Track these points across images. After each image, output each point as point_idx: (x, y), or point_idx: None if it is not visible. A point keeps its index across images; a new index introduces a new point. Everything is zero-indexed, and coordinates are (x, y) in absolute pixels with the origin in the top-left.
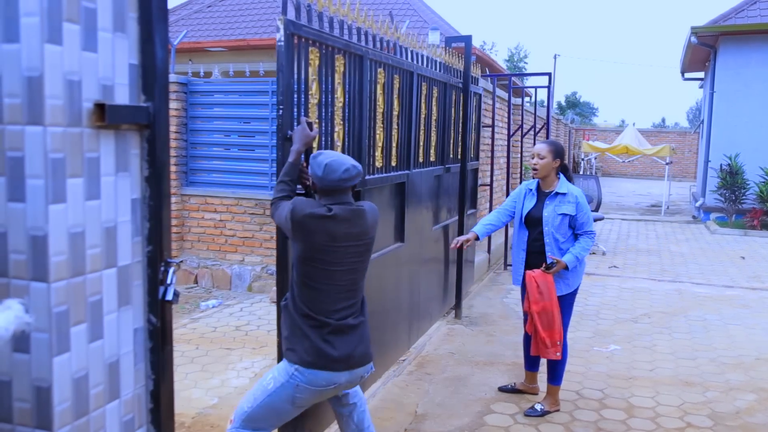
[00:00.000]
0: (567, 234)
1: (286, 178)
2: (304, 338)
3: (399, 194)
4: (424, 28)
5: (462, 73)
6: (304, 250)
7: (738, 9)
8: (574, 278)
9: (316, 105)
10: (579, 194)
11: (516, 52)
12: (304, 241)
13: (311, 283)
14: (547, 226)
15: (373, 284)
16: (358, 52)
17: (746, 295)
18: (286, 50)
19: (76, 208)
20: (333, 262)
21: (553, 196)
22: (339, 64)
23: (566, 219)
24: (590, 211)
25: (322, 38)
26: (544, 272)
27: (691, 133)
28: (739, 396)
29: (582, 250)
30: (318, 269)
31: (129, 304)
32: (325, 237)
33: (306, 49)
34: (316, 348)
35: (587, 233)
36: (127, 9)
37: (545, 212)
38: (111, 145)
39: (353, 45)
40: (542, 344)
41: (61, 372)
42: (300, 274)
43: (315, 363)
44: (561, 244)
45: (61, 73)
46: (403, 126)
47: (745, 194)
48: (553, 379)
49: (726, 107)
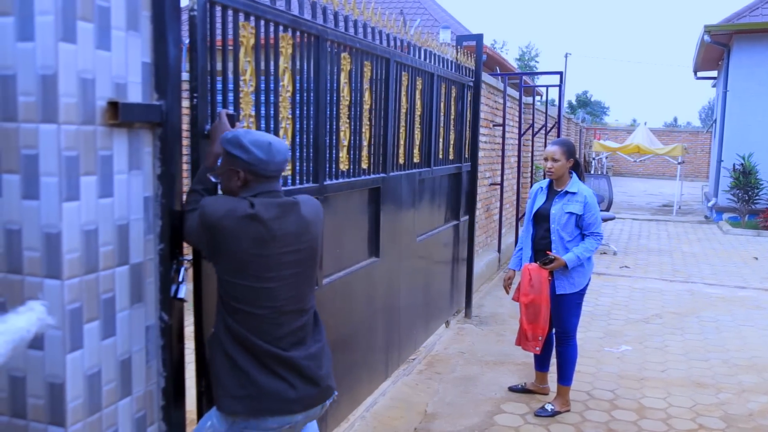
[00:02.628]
0: (574, 233)
1: (198, 187)
2: (244, 378)
3: (373, 201)
4: (435, 26)
5: (455, 65)
6: (228, 263)
7: (752, 7)
8: (580, 278)
9: (251, 94)
10: (589, 194)
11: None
12: (227, 252)
13: (243, 306)
14: (554, 223)
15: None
16: (312, 31)
17: (759, 296)
18: (202, 22)
19: (89, 205)
20: (266, 276)
21: (563, 194)
22: (285, 45)
23: (573, 218)
24: (599, 213)
25: (258, 10)
26: (540, 267)
27: (703, 132)
28: (752, 398)
29: (585, 251)
30: (249, 287)
31: (141, 302)
32: (251, 243)
33: (235, 22)
34: (264, 389)
35: (594, 234)
36: (140, 7)
37: (553, 210)
38: (124, 143)
39: (304, 21)
40: (523, 336)
41: (74, 369)
42: (228, 296)
43: (266, 409)
44: (567, 243)
45: (75, 71)
46: (377, 122)
47: (758, 194)
48: (563, 380)
49: (739, 106)
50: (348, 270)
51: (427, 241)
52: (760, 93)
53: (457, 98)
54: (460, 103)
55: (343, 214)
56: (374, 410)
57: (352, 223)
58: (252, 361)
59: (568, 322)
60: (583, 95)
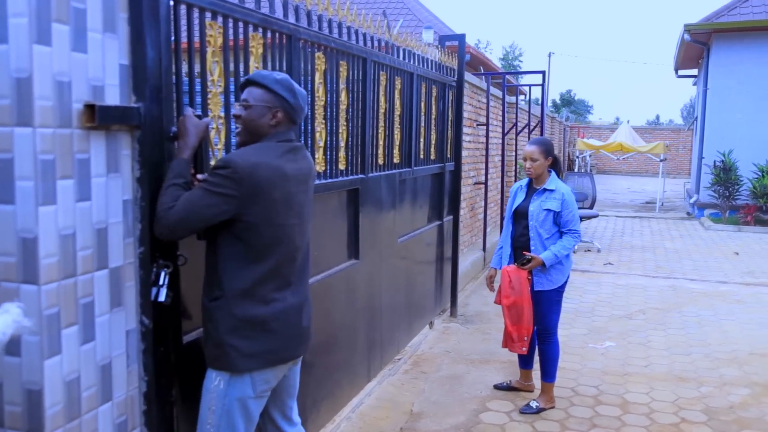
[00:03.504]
0: (552, 230)
1: (179, 180)
2: (258, 333)
3: (351, 203)
4: (418, 27)
5: (436, 64)
6: (256, 213)
7: (730, 6)
8: (558, 275)
9: (220, 95)
10: (567, 192)
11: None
12: (258, 201)
13: (261, 256)
14: (532, 220)
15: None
16: (284, 30)
17: (740, 290)
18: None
19: (66, 209)
20: (287, 216)
21: (541, 191)
22: (256, 45)
23: (551, 215)
24: (577, 211)
25: (225, 9)
26: (518, 267)
27: (685, 130)
28: (733, 390)
29: (562, 248)
30: (272, 232)
31: (121, 306)
32: (280, 185)
33: (201, 21)
34: (279, 338)
35: (571, 232)
36: (117, 9)
37: (531, 207)
38: (102, 146)
39: (275, 21)
40: (509, 338)
41: (53, 375)
42: (244, 251)
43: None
44: (545, 240)
45: (51, 74)
46: (354, 123)
47: (738, 190)
48: (546, 377)
49: (719, 104)
50: (327, 273)
51: (408, 242)
52: (739, 91)
53: (439, 98)
54: (441, 103)
55: (321, 216)
56: (360, 411)
57: (330, 225)
58: (267, 313)
59: (548, 320)
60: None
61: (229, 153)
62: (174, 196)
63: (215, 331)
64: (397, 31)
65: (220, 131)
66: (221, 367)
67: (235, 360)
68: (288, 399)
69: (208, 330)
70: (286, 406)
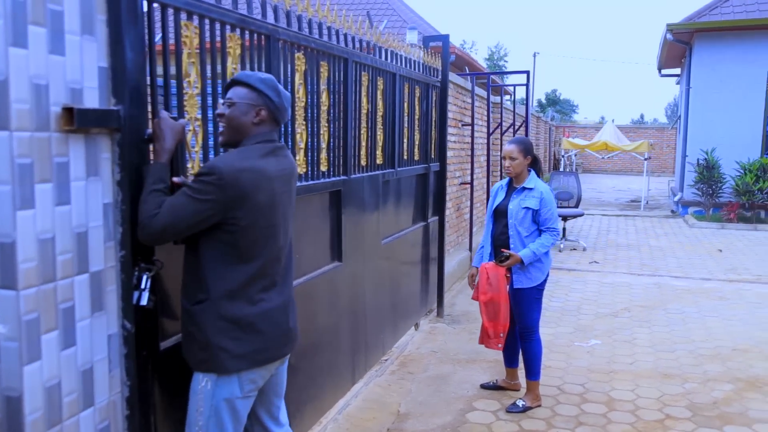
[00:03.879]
0: (531, 228)
1: (159, 186)
2: (247, 333)
3: (334, 205)
4: (403, 27)
5: (420, 65)
6: (242, 216)
7: (712, 6)
8: (537, 273)
9: (197, 96)
10: (545, 190)
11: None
12: (244, 204)
13: (248, 257)
14: (512, 218)
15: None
16: (263, 31)
17: (723, 287)
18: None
19: (45, 213)
20: (272, 217)
21: (520, 190)
22: (233, 45)
23: (529, 213)
24: (555, 209)
25: (201, 9)
26: (496, 265)
27: (669, 128)
28: (717, 386)
29: (540, 246)
30: (259, 233)
31: (102, 310)
32: (264, 187)
33: (176, 22)
34: (267, 337)
35: (550, 230)
36: (95, 11)
37: (511, 205)
38: (81, 149)
39: (253, 21)
40: (485, 334)
41: (32, 381)
42: (232, 253)
43: (270, 357)
44: (524, 238)
45: (27, 76)
46: (336, 124)
47: (721, 188)
48: (530, 375)
49: (702, 103)
50: (309, 276)
51: (393, 243)
52: (721, 89)
53: (423, 98)
54: (425, 103)
55: (303, 218)
56: (347, 412)
57: (312, 227)
58: (254, 313)
59: (528, 318)
60: (552, 94)
61: (212, 158)
62: (157, 203)
63: (201, 333)
64: (381, 32)
65: (198, 133)
66: (209, 369)
67: (225, 361)
68: (275, 399)
69: (191, 333)
70: (273, 406)
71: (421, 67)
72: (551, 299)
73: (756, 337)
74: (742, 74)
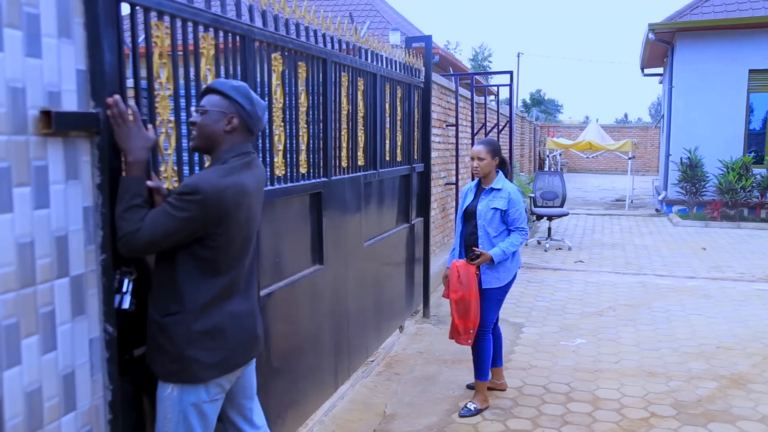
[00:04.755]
0: (500, 229)
1: (137, 201)
2: (218, 342)
3: (314, 207)
4: (386, 28)
5: (402, 65)
6: (223, 230)
7: (693, 6)
8: (505, 273)
9: (169, 98)
10: (513, 191)
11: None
12: (221, 226)
13: (223, 269)
14: (480, 219)
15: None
16: (237, 31)
17: (707, 285)
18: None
19: (23, 217)
20: (246, 230)
21: (488, 191)
22: (207, 46)
23: (498, 213)
24: (523, 209)
25: (171, 8)
26: (467, 263)
27: (652, 127)
28: (701, 384)
29: (510, 246)
30: (236, 246)
31: (83, 314)
32: (241, 202)
33: (146, 21)
34: (235, 344)
35: (518, 229)
36: (72, 14)
37: (479, 206)
38: (59, 152)
39: (227, 21)
40: (455, 331)
41: (12, 386)
42: (208, 264)
43: (239, 362)
44: (493, 238)
45: (4, 80)
46: (315, 125)
47: (705, 186)
48: (477, 374)
49: (684, 102)
50: (289, 279)
51: (376, 245)
52: (703, 88)
53: (405, 99)
54: (408, 104)
55: (282, 221)
56: (333, 414)
57: (292, 230)
58: (224, 321)
59: (486, 317)
60: (536, 94)
61: (185, 159)
62: (138, 218)
63: (172, 345)
64: (365, 33)
65: (170, 136)
66: (181, 380)
67: (197, 372)
68: (244, 401)
69: (161, 345)
70: (244, 408)
71: (403, 68)
72: (537, 299)
73: (739, 334)
74: (723, 73)
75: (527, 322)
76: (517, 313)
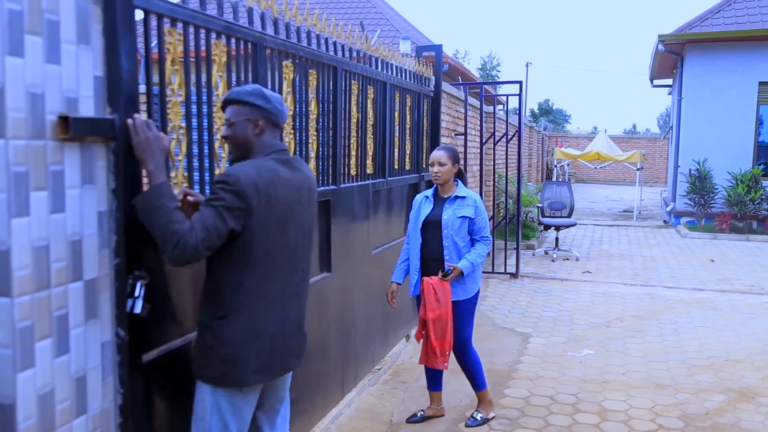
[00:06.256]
0: (466, 239)
1: (176, 203)
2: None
3: (323, 215)
4: (396, 37)
5: (412, 74)
6: (267, 227)
7: (703, 17)
8: (472, 284)
9: (181, 104)
10: (477, 199)
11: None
12: (259, 218)
13: (268, 268)
14: (447, 229)
15: None
16: (249, 38)
17: (716, 297)
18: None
19: (40, 221)
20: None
21: (453, 199)
22: (219, 53)
23: (466, 222)
24: (487, 218)
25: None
26: (441, 280)
27: (661, 138)
28: (709, 397)
29: (477, 256)
30: (280, 243)
31: (96, 318)
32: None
33: (159, 28)
34: (280, 349)
35: (483, 239)
36: (91, 21)
37: (445, 215)
38: (76, 157)
39: (239, 28)
40: (432, 353)
41: (26, 388)
42: (254, 265)
43: (283, 368)
44: (461, 249)
45: (24, 85)
46: (324, 133)
47: (713, 198)
48: (477, 387)
49: (694, 113)
50: None
51: (384, 253)
52: (713, 100)
53: (415, 108)
54: (417, 113)
55: None
56: (339, 421)
57: None
58: (272, 325)
59: (463, 332)
60: (545, 103)
61: (195, 166)
62: (183, 218)
63: (223, 347)
64: (375, 41)
65: (181, 142)
66: (229, 384)
67: (244, 376)
68: (276, 404)
69: (211, 347)
70: (273, 411)
71: (413, 77)
72: (544, 309)
73: (748, 347)
74: (733, 85)
75: (534, 333)
76: (524, 323)
